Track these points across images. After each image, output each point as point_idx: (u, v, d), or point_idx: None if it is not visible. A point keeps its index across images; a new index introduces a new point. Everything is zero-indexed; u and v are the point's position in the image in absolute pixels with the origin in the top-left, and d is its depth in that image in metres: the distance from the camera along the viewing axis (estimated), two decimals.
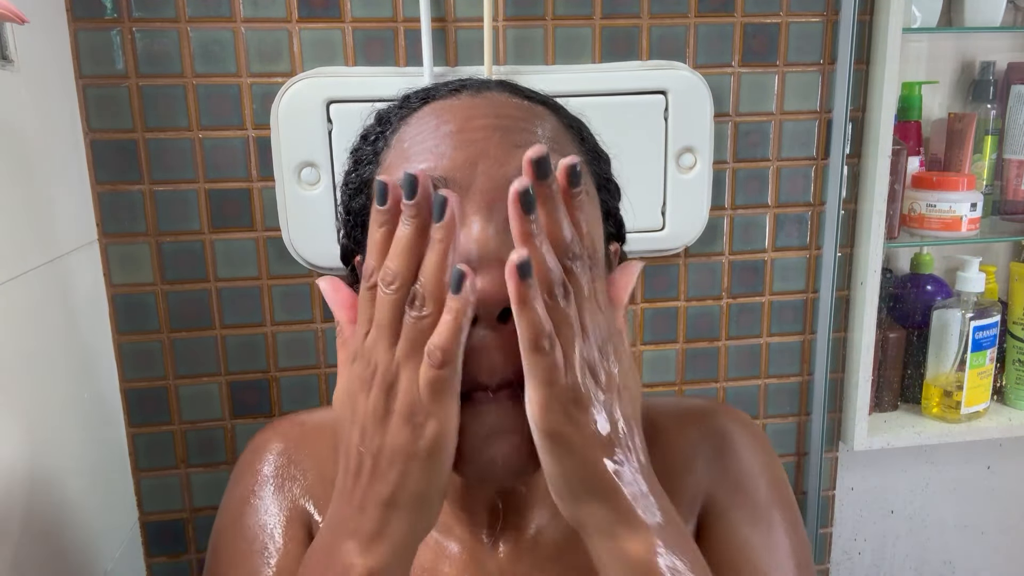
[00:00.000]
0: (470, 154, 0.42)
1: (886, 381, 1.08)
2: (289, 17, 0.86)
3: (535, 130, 0.45)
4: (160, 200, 0.88)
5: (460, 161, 0.42)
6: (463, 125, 0.44)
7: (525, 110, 0.46)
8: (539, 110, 0.47)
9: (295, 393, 0.95)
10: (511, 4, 0.89)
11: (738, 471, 0.54)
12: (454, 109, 0.45)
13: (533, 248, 0.36)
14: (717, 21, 0.93)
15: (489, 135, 0.43)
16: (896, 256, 1.13)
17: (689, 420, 0.56)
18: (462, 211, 0.41)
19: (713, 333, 1.02)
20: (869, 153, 0.98)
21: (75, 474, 0.75)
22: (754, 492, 0.53)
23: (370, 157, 0.49)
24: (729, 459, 0.54)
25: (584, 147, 0.49)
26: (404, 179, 0.37)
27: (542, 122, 0.46)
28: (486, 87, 0.48)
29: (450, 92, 0.47)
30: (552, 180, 0.36)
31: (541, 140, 0.44)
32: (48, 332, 0.72)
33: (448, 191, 0.37)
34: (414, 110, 0.47)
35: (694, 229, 0.96)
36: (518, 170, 0.41)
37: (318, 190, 0.87)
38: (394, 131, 0.48)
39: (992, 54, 1.07)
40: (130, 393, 0.91)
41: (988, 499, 1.19)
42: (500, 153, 0.42)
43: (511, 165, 0.42)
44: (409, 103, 0.48)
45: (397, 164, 0.45)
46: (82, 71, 0.83)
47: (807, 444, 1.07)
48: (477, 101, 0.46)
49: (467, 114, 0.45)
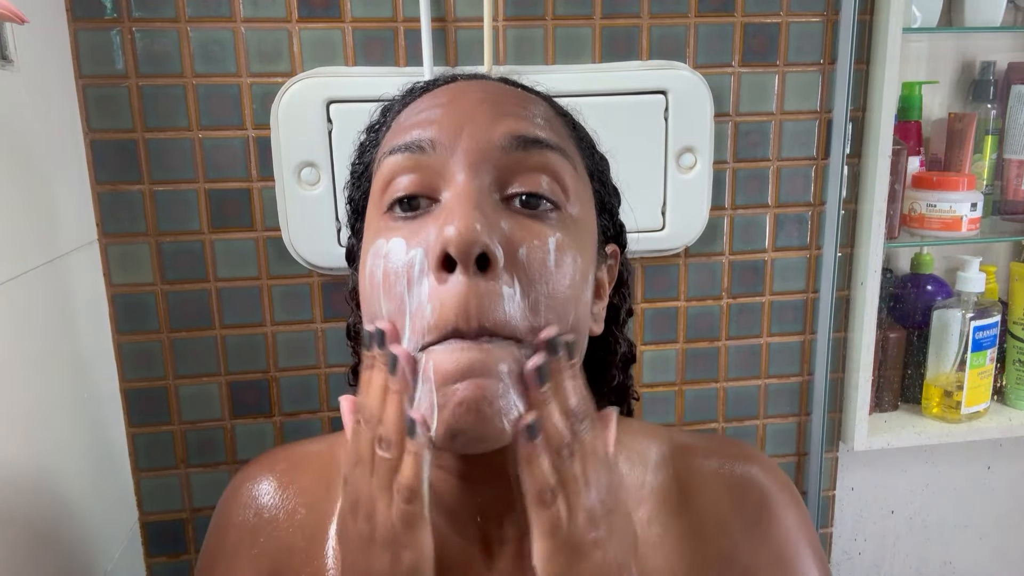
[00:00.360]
0: (458, 121, 0.44)
1: (886, 381, 1.08)
2: (289, 17, 0.86)
3: (525, 108, 0.46)
4: (160, 200, 0.88)
5: (447, 126, 0.44)
6: (454, 98, 0.46)
7: (518, 94, 0.48)
8: (534, 97, 0.49)
9: (295, 393, 0.95)
10: (511, 4, 0.89)
11: (781, 544, 0.52)
12: (449, 89, 0.48)
13: (543, 412, 0.39)
14: (717, 21, 0.93)
15: (478, 106, 0.45)
16: (896, 256, 1.13)
17: (726, 474, 0.53)
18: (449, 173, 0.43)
19: (713, 333, 1.02)
20: (869, 153, 0.98)
21: (75, 474, 0.75)
22: (794, 567, 0.52)
23: (373, 143, 0.51)
24: (770, 528, 0.52)
25: (575, 134, 0.50)
26: (370, 333, 0.41)
27: (534, 105, 0.48)
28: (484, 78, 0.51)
29: (448, 80, 0.50)
30: (562, 357, 0.40)
31: (533, 118, 0.45)
32: (48, 332, 0.72)
33: (396, 346, 0.40)
34: (415, 97, 0.50)
35: (694, 229, 0.96)
36: (502, 134, 0.43)
37: (318, 190, 0.87)
38: (394, 118, 0.50)
39: (992, 54, 1.07)
40: (130, 393, 0.91)
41: (988, 499, 1.19)
42: (486, 120, 0.44)
43: (496, 131, 0.43)
44: (412, 92, 0.51)
45: (391, 138, 0.47)
46: (82, 71, 0.83)
47: (807, 444, 1.07)
48: (472, 83, 0.49)
49: (460, 90, 0.47)
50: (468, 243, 0.39)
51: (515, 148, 0.43)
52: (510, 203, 0.44)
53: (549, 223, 0.43)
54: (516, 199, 0.44)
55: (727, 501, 0.52)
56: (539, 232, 0.43)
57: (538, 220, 0.43)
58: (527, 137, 0.43)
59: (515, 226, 0.42)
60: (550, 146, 0.44)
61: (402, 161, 0.44)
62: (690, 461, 0.54)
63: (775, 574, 0.51)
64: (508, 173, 0.43)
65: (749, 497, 0.52)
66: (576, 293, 0.44)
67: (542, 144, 0.44)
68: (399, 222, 0.44)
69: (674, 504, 0.52)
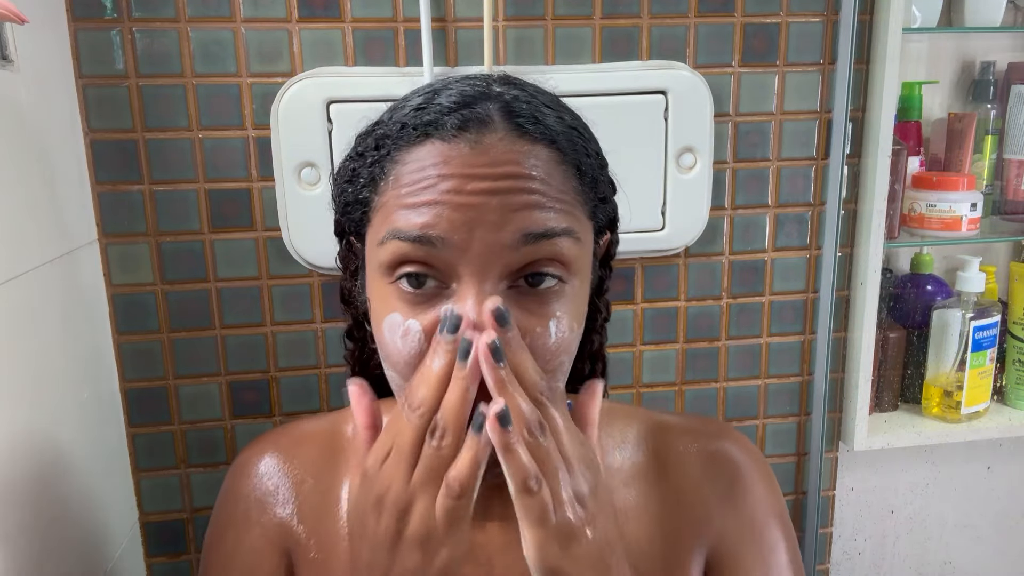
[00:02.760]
0: (468, 218, 0.43)
1: (886, 381, 1.08)
2: (289, 17, 0.86)
3: (533, 188, 0.44)
4: (160, 200, 0.88)
5: (458, 224, 0.43)
6: (462, 185, 0.43)
7: (524, 159, 0.45)
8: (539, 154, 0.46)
9: (295, 393, 0.95)
10: (511, 4, 0.89)
11: (751, 513, 0.56)
12: (454, 162, 0.44)
13: (508, 395, 0.40)
14: (717, 21, 0.93)
15: (487, 199, 0.43)
16: (896, 256, 1.13)
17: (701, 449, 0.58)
18: (458, 272, 0.43)
19: (713, 333, 1.02)
20: (869, 153, 0.98)
21: (75, 474, 0.75)
22: (764, 533, 0.56)
23: (368, 180, 0.48)
24: (743, 498, 0.56)
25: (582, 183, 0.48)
26: (446, 316, 0.41)
27: (541, 175, 0.45)
28: (487, 125, 0.45)
29: (452, 131, 0.45)
30: (511, 328, 0.41)
31: (540, 203, 0.44)
32: (48, 332, 0.72)
33: (473, 333, 0.41)
34: (413, 143, 0.46)
35: (694, 229, 0.96)
36: (512, 234, 0.43)
37: (318, 190, 0.87)
38: (392, 161, 0.46)
39: (992, 54, 1.07)
40: (130, 393, 0.91)
41: (988, 499, 1.19)
42: (496, 218, 0.43)
43: (506, 230, 0.43)
44: (407, 132, 0.46)
45: (396, 207, 0.45)
46: (82, 71, 0.83)
47: (807, 444, 1.07)
48: (477, 153, 0.44)
49: (467, 172, 0.44)
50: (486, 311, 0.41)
51: (525, 244, 0.44)
52: (516, 284, 0.45)
53: (551, 304, 0.45)
54: (522, 280, 0.45)
55: (702, 474, 0.57)
56: (542, 315, 0.45)
57: (541, 301, 0.45)
58: (536, 232, 0.44)
59: (521, 315, 0.44)
60: (557, 233, 0.45)
61: (410, 250, 0.44)
62: (668, 438, 0.58)
63: (745, 539, 0.56)
64: (516, 264, 0.44)
65: (723, 470, 0.57)
66: (569, 353, 0.47)
67: (550, 235, 0.44)
68: (408, 294, 0.45)
69: (653, 477, 0.56)
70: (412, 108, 0.47)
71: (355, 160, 0.50)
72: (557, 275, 0.45)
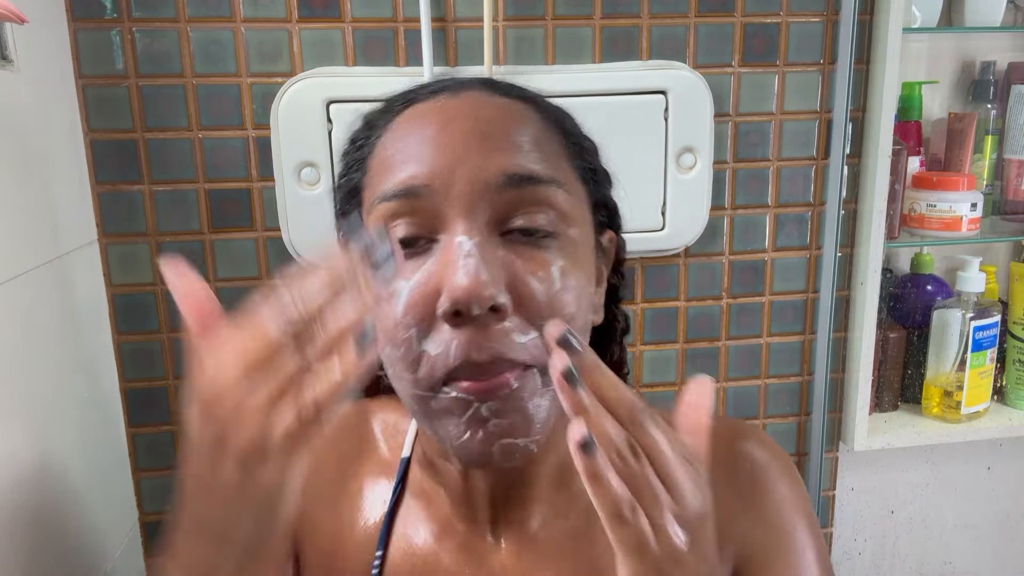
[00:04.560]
0: (449, 160, 0.43)
1: (886, 381, 1.08)
2: (289, 17, 0.86)
3: (514, 134, 0.44)
4: (160, 200, 0.88)
5: (439, 167, 0.43)
6: (441, 130, 0.44)
7: (504, 110, 0.46)
8: (519, 108, 0.47)
9: None
10: (511, 4, 0.89)
11: (775, 513, 0.53)
12: (432, 113, 0.45)
13: (589, 418, 0.35)
14: (717, 21, 0.93)
15: (467, 139, 0.43)
16: (896, 256, 1.13)
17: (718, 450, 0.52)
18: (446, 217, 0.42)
19: (713, 333, 1.02)
20: (869, 153, 0.98)
21: (75, 474, 0.75)
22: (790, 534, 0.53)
23: (357, 163, 0.49)
24: (764, 499, 0.53)
25: (567, 141, 0.49)
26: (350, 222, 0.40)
27: (522, 125, 0.46)
28: (465, 87, 0.47)
29: (429, 94, 0.47)
30: (581, 352, 0.36)
31: (524, 148, 0.44)
32: (48, 332, 0.72)
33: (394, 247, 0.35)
34: (396, 114, 0.47)
35: (694, 229, 0.96)
36: (495, 173, 0.42)
37: (318, 190, 0.87)
38: (378, 136, 0.48)
39: (992, 54, 1.07)
40: (130, 393, 0.91)
41: (988, 499, 1.19)
42: (478, 158, 0.43)
43: (489, 170, 0.42)
44: (392, 106, 0.48)
45: (381, 173, 0.45)
46: (82, 71, 0.83)
47: (807, 444, 1.07)
48: (455, 103, 0.46)
49: (445, 118, 0.45)
50: (477, 299, 0.39)
51: (509, 186, 0.43)
52: (509, 235, 0.44)
53: (550, 251, 0.44)
54: (515, 232, 0.44)
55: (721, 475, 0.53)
56: (542, 262, 0.43)
57: (539, 249, 0.43)
58: (521, 175, 0.43)
59: (517, 260, 0.42)
60: (544, 180, 0.44)
61: (396, 207, 0.43)
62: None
63: (771, 540, 0.52)
64: (505, 210, 0.43)
65: (742, 470, 0.54)
66: (580, 308, 0.44)
67: (536, 180, 0.43)
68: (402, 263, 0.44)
69: None
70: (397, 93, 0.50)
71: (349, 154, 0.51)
72: (551, 229, 0.44)
